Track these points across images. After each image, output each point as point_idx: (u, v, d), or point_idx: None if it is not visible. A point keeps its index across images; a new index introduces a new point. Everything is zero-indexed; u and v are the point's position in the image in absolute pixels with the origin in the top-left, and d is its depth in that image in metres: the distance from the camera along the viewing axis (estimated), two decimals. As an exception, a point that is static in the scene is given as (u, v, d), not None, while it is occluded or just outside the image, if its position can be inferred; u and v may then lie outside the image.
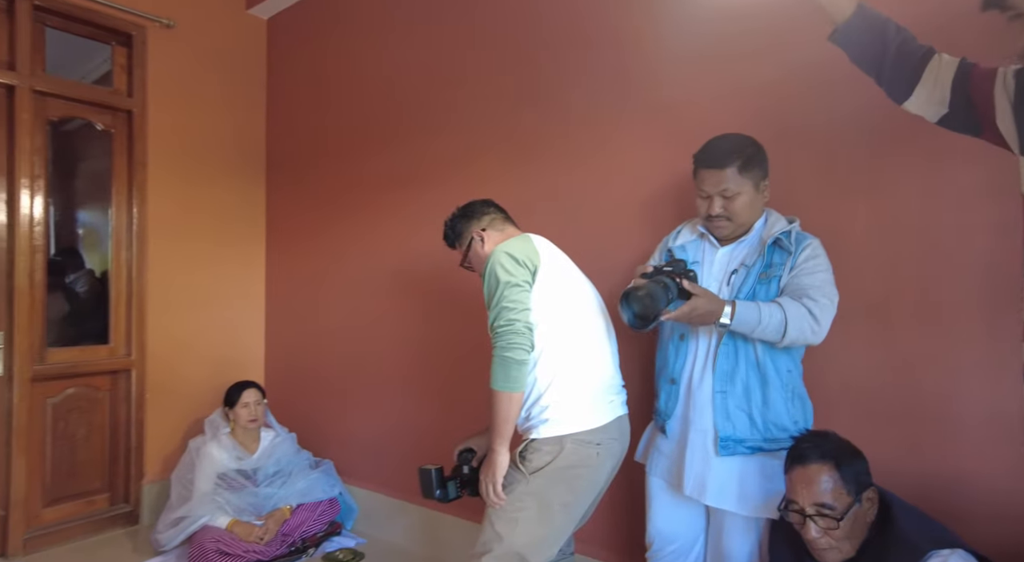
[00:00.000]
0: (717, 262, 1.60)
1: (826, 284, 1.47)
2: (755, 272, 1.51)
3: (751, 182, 1.50)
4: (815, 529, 1.23)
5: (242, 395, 2.77)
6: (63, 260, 3.22)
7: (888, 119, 1.58)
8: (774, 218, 1.58)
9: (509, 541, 1.46)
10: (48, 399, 2.74)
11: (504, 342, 1.44)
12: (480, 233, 1.71)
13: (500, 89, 2.44)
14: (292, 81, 3.33)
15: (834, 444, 1.30)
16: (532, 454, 1.51)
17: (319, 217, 3.17)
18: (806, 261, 1.48)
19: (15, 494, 2.59)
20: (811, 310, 1.41)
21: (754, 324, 1.40)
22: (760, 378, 1.50)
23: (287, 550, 2.54)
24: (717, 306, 1.40)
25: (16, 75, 2.61)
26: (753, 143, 1.54)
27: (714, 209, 1.52)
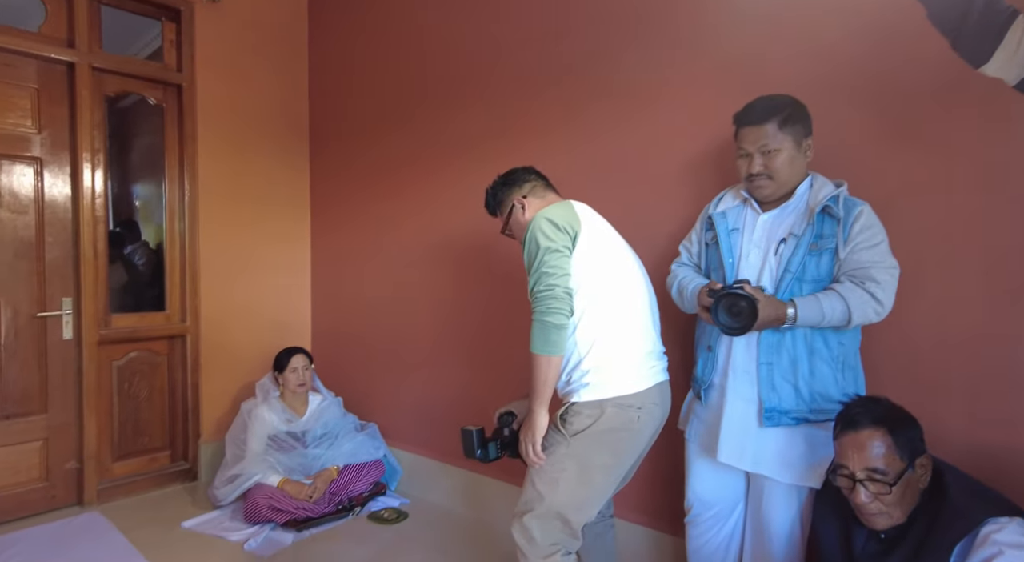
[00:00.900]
0: (759, 228, 1.56)
1: (886, 256, 1.43)
2: (805, 242, 1.46)
3: (792, 139, 1.47)
4: (865, 494, 1.21)
5: (290, 361, 2.88)
6: (122, 231, 3.39)
7: (957, 81, 1.50)
8: (820, 182, 1.53)
9: (550, 501, 1.50)
10: (113, 362, 2.91)
11: (544, 307, 1.45)
12: (521, 200, 1.71)
13: (542, 55, 2.41)
14: (333, 53, 3.37)
15: (886, 409, 1.28)
16: (573, 417, 1.53)
17: (361, 187, 3.22)
18: (862, 233, 1.42)
19: (88, 448, 2.79)
20: (874, 294, 1.39)
21: (817, 320, 1.40)
22: (808, 349, 1.48)
23: (335, 508, 2.67)
24: (780, 311, 1.40)
25: (75, 52, 2.72)
26: (795, 101, 1.50)
27: (754, 167, 1.49)
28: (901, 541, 1.22)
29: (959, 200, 1.54)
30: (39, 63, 2.67)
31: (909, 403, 1.34)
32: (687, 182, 2.03)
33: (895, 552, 1.22)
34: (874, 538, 1.28)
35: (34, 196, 2.69)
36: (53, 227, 2.72)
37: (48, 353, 2.73)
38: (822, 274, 1.47)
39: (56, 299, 2.74)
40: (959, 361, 1.54)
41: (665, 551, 2.10)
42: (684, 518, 1.78)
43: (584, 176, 2.28)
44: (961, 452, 1.52)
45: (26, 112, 2.66)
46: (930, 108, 1.57)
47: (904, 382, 1.61)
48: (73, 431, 2.79)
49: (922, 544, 1.17)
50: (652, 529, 2.13)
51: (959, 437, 1.53)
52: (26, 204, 2.67)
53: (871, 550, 1.28)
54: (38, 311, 2.69)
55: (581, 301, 1.52)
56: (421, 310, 2.95)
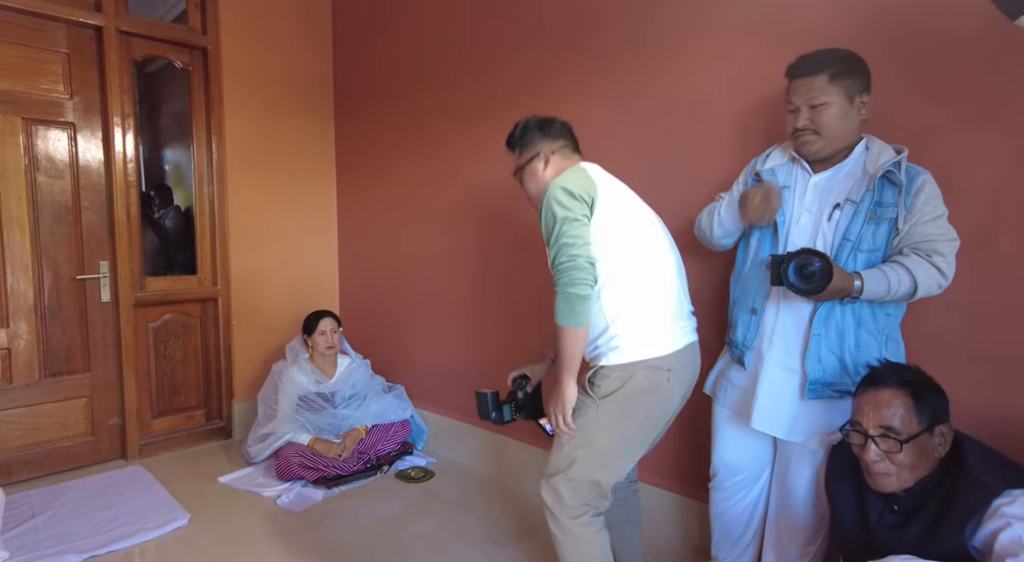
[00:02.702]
0: (811, 191, 1.47)
1: (949, 228, 1.37)
2: (864, 210, 1.38)
3: (843, 93, 1.38)
4: (875, 452, 1.20)
5: (319, 324, 2.93)
6: (153, 196, 3.45)
7: (1006, 42, 1.39)
8: (878, 146, 1.43)
9: (580, 463, 1.50)
10: (149, 324, 3.00)
11: (567, 278, 1.42)
12: (548, 154, 1.63)
13: (577, 7, 2.32)
14: (357, 15, 3.31)
15: (915, 375, 1.24)
16: (602, 380, 1.51)
17: (388, 149, 3.21)
18: (927, 203, 1.35)
19: (129, 405, 2.91)
20: (940, 268, 1.33)
21: (883, 295, 1.34)
22: (855, 321, 1.43)
23: (363, 467, 2.74)
24: (847, 282, 1.33)
25: (103, 16, 2.73)
26: (852, 55, 1.41)
27: (800, 121, 1.41)
28: (919, 512, 1.20)
29: (995, 161, 1.45)
30: (68, 27, 2.69)
31: (950, 377, 1.29)
32: (734, 135, 1.94)
33: (913, 522, 1.20)
34: (888, 509, 1.25)
35: (69, 161, 2.74)
36: (87, 192, 2.79)
37: (88, 315, 2.83)
38: (878, 244, 1.39)
39: (94, 262, 2.82)
40: (1004, 333, 1.48)
41: (690, 516, 2.10)
42: (709, 483, 1.78)
43: (621, 130, 2.21)
44: (998, 425, 1.48)
45: (58, 77, 2.69)
46: (967, 62, 1.47)
47: (943, 353, 1.55)
48: (114, 389, 2.91)
49: (941, 515, 1.15)
50: (677, 494, 2.14)
51: (999, 412, 1.48)
52: (62, 169, 2.73)
53: (888, 521, 1.25)
54: (77, 274, 2.78)
55: (604, 267, 1.48)
56: (447, 273, 2.95)
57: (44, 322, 2.72)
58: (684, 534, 2.13)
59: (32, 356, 2.69)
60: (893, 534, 1.22)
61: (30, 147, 2.63)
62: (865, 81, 1.41)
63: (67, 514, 2.34)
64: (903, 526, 1.22)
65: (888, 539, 1.21)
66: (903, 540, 1.18)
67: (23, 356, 2.67)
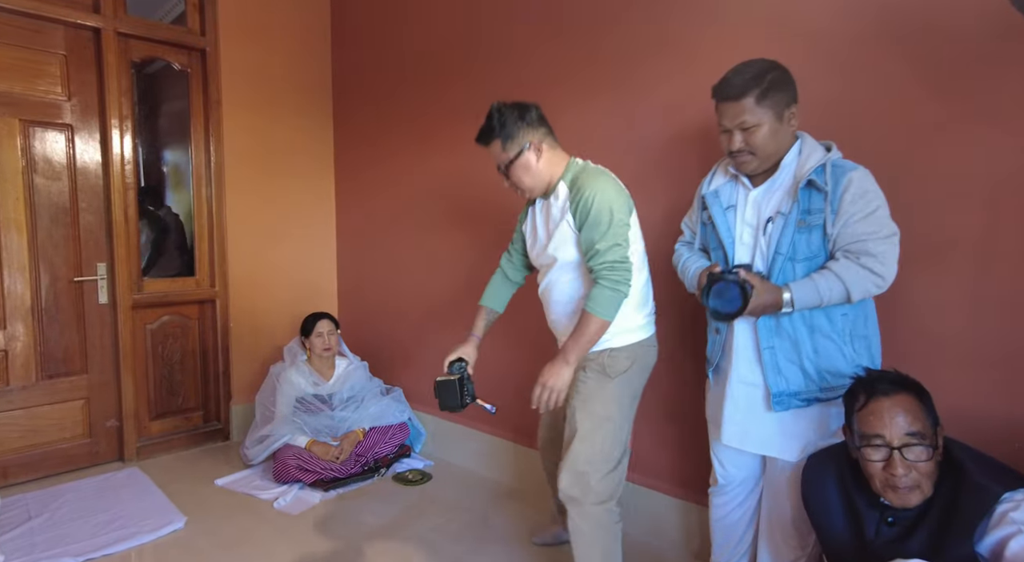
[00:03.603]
0: (750, 205, 1.49)
1: (882, 224, 1.34)
2: (792, 220, 1.39)
3: (772, 112, 1.38)
4: (902, 464, 1.13)
5: (316, 325, 2.92)
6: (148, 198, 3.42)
7: (1007, 30, 1.38)
8: (808, 149, 1.42)
9: (604, 445, 1.62)
10: (147, 325, 3.00)
11: (619, 276, 1.53)
12: (539, 145, 1.65)
13: (574, 7, 2.31)
14: (356, 16, 3.31)
15: (905, 377, 1.21)
16: (612, 361, 1.64)
17: (385, 152, 3.20)
18: (853, 203, 1.34)
19: (126, 407, 2.90)
20: (872, 269, 1.32)
21: (815, 304, 1.35)
22: (808, 328, 1.42)
23: (360, 469, 2.73)
24: (775, 296, 1.36)
25: (101, 18, 2.73)
26: (774, 69, 1.39)
27: (734, 143, 1.42)
28: (920, 522, 1.16)
29: (1002, 155, 1.44)
30: (66, 29, 2.69)
31: (937, 376, 1.28)
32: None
33: (915, 534, 1.16)
34: (884, 521, 1.20)
35: (66, 162, 2.74)
36: (85, 193, 2.78)
37: (86, 316, 2.82)
38: (814, 251, 1.40)
39: (91, 264, 2.82)
40: (997, 331, 1.46)
41: (691, 520, 2.09)
42: (708, 488, 1.77)
43: (615, 136, 2.20)
44: (997, 429, 1.46)
45: (55, 78, 2.69)
46: (978, 58, 1.46)
47: (933, 357, 1.54)
48: (112, 391, 2.91)
49: (945, 523, 1.11)
50: (678, 498, 2.12)
51: (995, 414, 1.47)
52: (59, 171, 2.72)
53: (886, 535, 1.20)
54: (75, 276, 2.78)
55: None
56: (445, 275, 2.95)
57: (41, 324, 2.71)
58: (685, 538, 2.11)
59: (29, 358, 2.69)
60: (894, 548, 1.17)
61: (27, 149, 2.63)
62: (791, 92, 1.41)
63: (63, 517, 2.34)
64: (904, 539, 1.17)
65: (890, 553, 1.16)
66: (908, 553, 1.13)
67: (20, 358, 2.67)
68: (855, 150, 1.65)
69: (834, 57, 1.69)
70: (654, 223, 2.04)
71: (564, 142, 1.76)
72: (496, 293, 1.96)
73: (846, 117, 1.68)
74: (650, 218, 2.00)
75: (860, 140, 1.65)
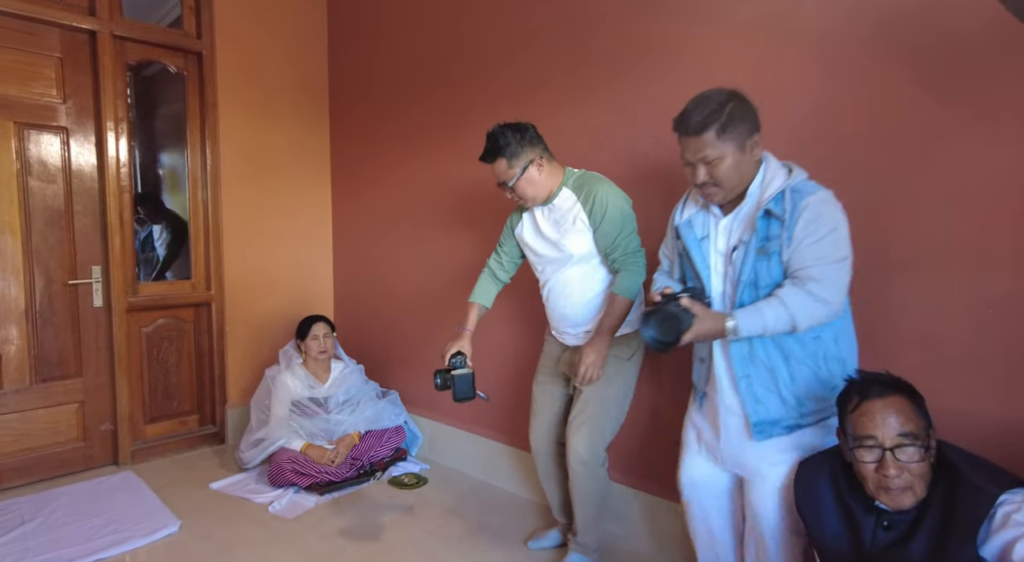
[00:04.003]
0: (721, 234, 1.48)
1: (832, 249, 1.32)
2: (753, 248, 1.39)
3: (733, 144, 1.37)
4: (895, 465, 1.13)
5: (311, 328, 2.91)
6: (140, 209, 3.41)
7: (1003, 36, 1.39)
8: (770, 175, 1.41)
9: (615, 418, 1.92)
10: (142, 328, 2.99)
11: (639, 265, 1.81)
12: (540, 161, 1.83)
13: (568, 10, 2.32)
14: (352, 19, 3.31)
15: (897, 379, 1.21)
16: (625, 345, 1.90)
17: (380, 155, 3.20)
18: (806, 227, 1.32)
19: (121, 411, 2.89)
20: (816, 294, 1.30)
21: (760, 331, 1.34)
22: (782, 354, 1.41)
23: (356, 472, 2.72)
24: (718, 324, 1.35)
25: (97, 20, 2.72)
26: (732, 100, 1.37)
27: (698, 177, 1.41)
28: (918, 526, 1.15)
29: (999, 162, 1.44)
30: (61, 31, 2.69)
31: (934, 379, 1.28)
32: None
33: (916, 538, 1.15)
34: (880, 526, 1.19)
35: (61, 165, 2.73)
36: (80, 196, 2.78)
37: (81, 319, 2.81)
38: (775, 278, 1.38)
39: (86, 267, 2.81)
40: (996, 334, 1.47)
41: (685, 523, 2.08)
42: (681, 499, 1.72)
43: (619, 135, 2.20)
44: (996, 432, 1.46)
45: (51, 81, 2.68)
46: (973, 63, 1.46)
47: (926, 356, 1.54)
48: (107, 394, 2.90)
49: (946, 526, 1.11)
50: (672, 500, 2.12)
51: (993, 416, 1.47)
52: (54, 173, 2.72)
53: (884, 540, 1.19)
54: (69, 279, 2.77)
55: None
56: (442, 278, 2.94)
57: (36, 327, 2.70)
58: (679, 541, 2.11)
59: (23, 361, 2.68)
60: (894, 554, 1.16)
61: (22, 151, 2.62)
62: (752, 122, 1.39)
63: (57, 521, 2.32)
64: (904, 543, 1.16)
65: (888, 559, 1.16)
66: (909, 558, 1.13)
67: (14, 361, 2.66)
68: (851, 152, 1.67)
69: (830, 59, 1.70)
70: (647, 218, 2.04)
71: (561, 142, 1.81)
72: (485, 291, 2.11)
73: (841, 119, 1.68)
74: (646, 218, 2.00)
75: (856, 143, 1.66)
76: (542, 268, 1.97)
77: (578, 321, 1.91)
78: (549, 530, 2.21)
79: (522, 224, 1.99)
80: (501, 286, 2.12)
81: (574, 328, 1.93)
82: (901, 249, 1.59)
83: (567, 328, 1.95)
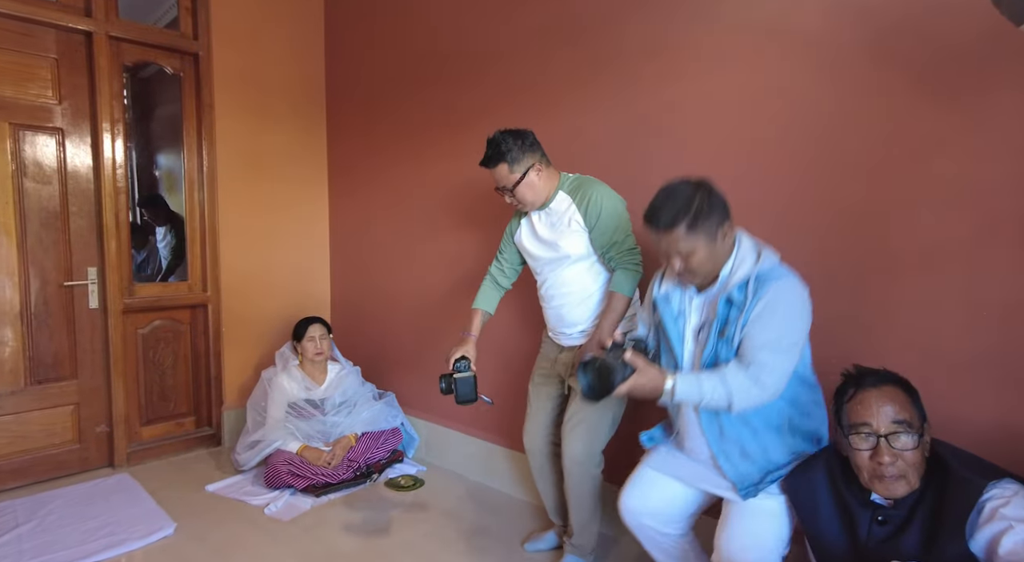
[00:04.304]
0: (694, 312, 1.54)
1: (784, 334, 1.36)
2: (715, 330, 1.45)
3: (704, 236, 1.41)
4: (889, 452, 1.15)
5: (308, 330, 2.91)
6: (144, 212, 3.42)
7: (998, 40, 1.40)
8: (741, 258, 1.45)
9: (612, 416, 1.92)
10: (138, 330, 2.98)
11: (636, 262, 1.83)
12: (539, 167, 1.87)
13: (569, 11, 2.32)
14: (349, 21, 3.31)
15: (892, 373, 1.23)
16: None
17: (377, 157, 3.20)
18: (760, 312, 1.37)
19: (117, 413, 2.88)
20: (756, 378, 1.35)
21: (696, 401, 1.39)
22: (750, 430, 1.45)
23: (352, 474, 2.72)
24: (658, 383, 1.39)
25: (93, 21, 2.72)
26: (699, 192, 1.41)
27: (674, 267, 1.46)
28: (910, 520, 1.17)
29: (994, 165, 1.45)
30: (57, 32, 2.68)
31: (930, 380, 1.29)
32: (735, 144, 1.94)
33: (908, 532, 1.16)
34: (875, 521, 1.22)
35: (57, 166, 2.72)
36: (76, 197, 2.77)
37: (76, 321, 2.80)
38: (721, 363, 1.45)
39: (82, 269, 2.80)
40: (990, 336, 1.47)
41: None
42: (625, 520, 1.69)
43: (620, 136, 2.21)
44: (990, 432, 1.47)
45: (46, 82, 2.68)
46: (969, 68, 1.47)
47: (926, 357, 1.55)
48: (103, 396, 2.89)
49: (937, 520, 1.12)
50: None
51: (987, 417, 1.47)
52: (49, 174, 2.71)
53: (878, 534, 1.21)
54: (65, 280, 2.76)
55: None
56: (439, 280, 2.94)
57: (30, 329, 2.69)
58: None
59: (18, 363, 2.67)
60: (888, 547, 1.18)
61: (17, 152, 2.62)
62: (721, 212, 1.42)
63: (52, 523, 2.32)
64: (897, 537, 1.18)
65: (883, 553, 1.17)
66: (902, 552, 1.14)
67: (8, 363, 2.65)
68: (847, 156, 1.67)
69: (826, 64, 1.70)
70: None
71: (557, 144, 1.81)
72: (488, 297, 2.12)
73: (838, 123, 1.69)
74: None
75: (853, 146, 1.67)
76: (540, 269, 2.00)
77: (575, 321, 1.93)
78: (545, 532, 2.21)
79: (520, 230, 2.03)
80: (503, 292, 2.14)
81: (571, 328, 1.95)
82: (897, 252, 1.60)
83: (564, 328, 1.97)
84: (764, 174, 1.84)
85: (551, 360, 2.06)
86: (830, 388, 1.35)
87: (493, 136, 1.87)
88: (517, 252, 2.08)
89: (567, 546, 2.03)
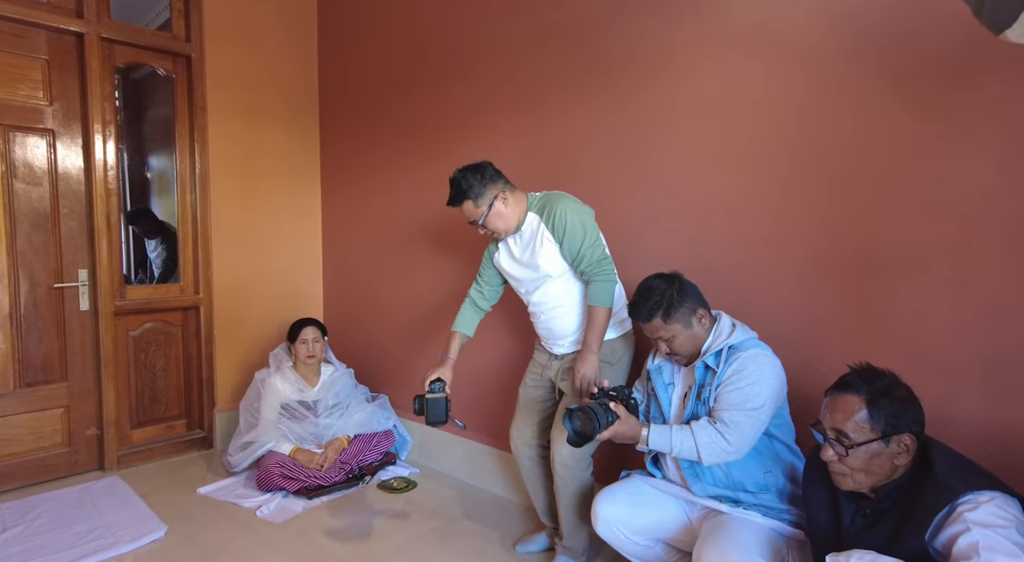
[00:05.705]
0: (681, 382, 1.70)
1: (749, 399, 1.49)
2: (693, 395, 1.61)
3: (680, 323, 1.60)
4: (830, 452, 1.25)
5: (301, 332, 2.90)
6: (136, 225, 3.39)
7: (979, 48, 1.42)
8: (716, 334, 1.62)
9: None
10: (129, 332, 2.96)
11: (608, 271, 1.84)
12: (504, 195, 1.90)
13: (554, 20, 2.34)
14: (342, 25, 3.31)
15: (882, 384, 1.24)
16: (611, 350, 1.92)
17: (370, 159, 3.20)
18: (730, 377, 1.53)
19: (107, 416, 2.86)
20: (724, 434, 1.48)
21: (667, 449, 1.53)
22: (723, 473, 1.57)
23: (345, 477, 2.71)
24: (635, 432, 1.55)
25: (84, 23, 2.71)
26: (670, 286, 1.61)
27: (661, 350, 1.66)
28: (886, 515, 1.23)
29: (976, 171, 1.47)
30: (48, 34, 2.67)
31: (917, 380, 1.30)
32: (707, 152, 1.96)
33: (880, 525, 1.23)
34: (860, 513, 1.29)
35: (48, 168, 2.71)
36: (67, 199, 2.75)
37: (66, 323, 2.79)
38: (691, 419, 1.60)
39: (72, 271, 2.79)
40: (975, 337, 1.49)
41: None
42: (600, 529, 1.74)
43: (595, 148, 2.22)
44: (977, 432, 1.49)
45: (37, 83, 2.67)
46: (950, 75, 1.49)
47: (913, 358, 1.56)
48: (93, 399, 2.87)
49: (905, 517, 1.18)
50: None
51: (974, 416, 1.49)
52: (40, 176, 2.70)
53: (859, 524, 1.29)
54: (55, 282, 2.74)
55: None
56: (431, 282, 2.94)
57: (20, 331, 2.67)
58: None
59: (7, 365, 2.65)
60: (862, 536, 1.25)
61: (7, 154, 2.60)
62: (693, 301, 1.62)
63: (40, 527, 2.30)
64: (871, 529, 1.25)
65: (858, 542, 1.23)
66: (871, 542, 1.20)
67: (-2, 365, 2.63)
68: (833, 160, 1.69)
69: (812, 70, 1.72)
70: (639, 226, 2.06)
71: (551, 148, 1.79)
72: (467, 320, 2.14)
73: (824, 128, 1.71)
74: (643, 221, 2.02)
75: (838, 151, 1.69)
76: (524, 290, 2.03)
77: (565, 332, 1.97)
78: (537, 534, 2.21)
79: (499, 253, 2.06)
80: (483, 314, 2.17)
81: (562, 339, 1.99)
82: (883, 256, 1.62)
83: (555, 340, 2.01)
84: (752, 179, 1.86)
85: (542, 366, 2.08)
86: (820, 387, 1.37)
87: (453, 176, 1.92)
88: (497, 274, 2.11)
89: (559, 548, 2.04)
